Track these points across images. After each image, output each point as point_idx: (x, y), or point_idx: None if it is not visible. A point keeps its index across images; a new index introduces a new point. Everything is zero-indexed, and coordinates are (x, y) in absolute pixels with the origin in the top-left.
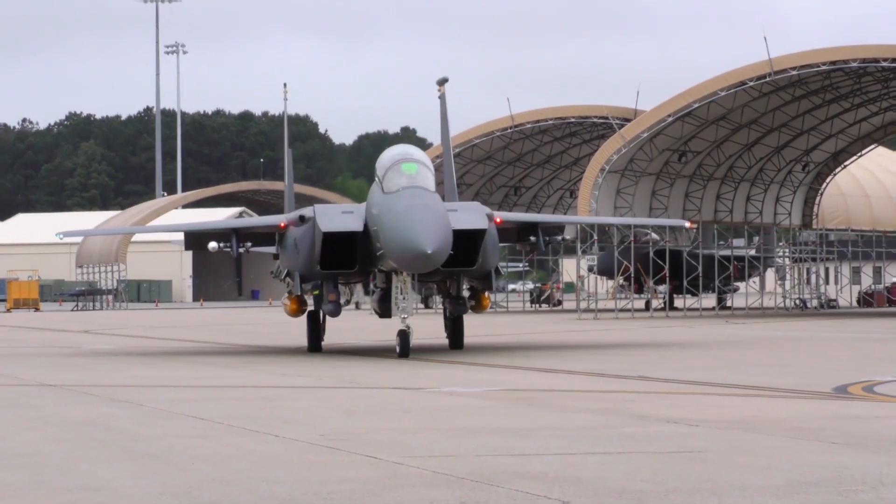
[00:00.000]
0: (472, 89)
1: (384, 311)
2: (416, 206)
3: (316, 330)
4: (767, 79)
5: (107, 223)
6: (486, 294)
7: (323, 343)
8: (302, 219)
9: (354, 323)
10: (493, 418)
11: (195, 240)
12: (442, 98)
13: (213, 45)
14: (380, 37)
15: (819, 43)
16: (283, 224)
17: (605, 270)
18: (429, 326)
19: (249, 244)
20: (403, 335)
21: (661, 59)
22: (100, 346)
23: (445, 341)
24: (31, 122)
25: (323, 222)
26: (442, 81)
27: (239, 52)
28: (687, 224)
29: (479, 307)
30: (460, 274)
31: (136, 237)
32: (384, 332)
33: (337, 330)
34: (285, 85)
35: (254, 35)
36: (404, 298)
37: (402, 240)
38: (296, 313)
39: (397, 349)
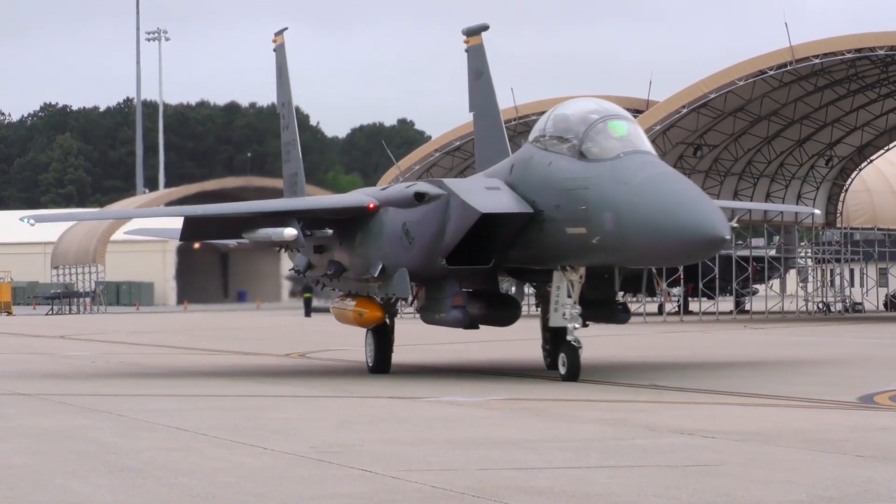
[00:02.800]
0: None
1: (490, 318)
2: (667, 175)
3: (386, 344)
4: (788, 67)
5: (85, 221)
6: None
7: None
8: (420, 197)
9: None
10: (496, 429)
11: (198, 229)
12: (472, 51)
13: (198, 32)
14: (374, 23)
15: (844, 29)
16: (372, 204)
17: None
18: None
19: (330, 231)
20: (572, 351)
21: (675, 47)
22: (76, 352)
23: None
24: (2, 114)
25: (472, 200)
26: (475, 31)
27: (224, 40)
28: (817, 212)
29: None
30: (617, 269)
31: (116, 235)
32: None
33: (336, 336)
34: (282, 31)
35: (240, 21)
36: (574, 303)
37: (676, 222)
38: (376, 322)
39: (562, 370)
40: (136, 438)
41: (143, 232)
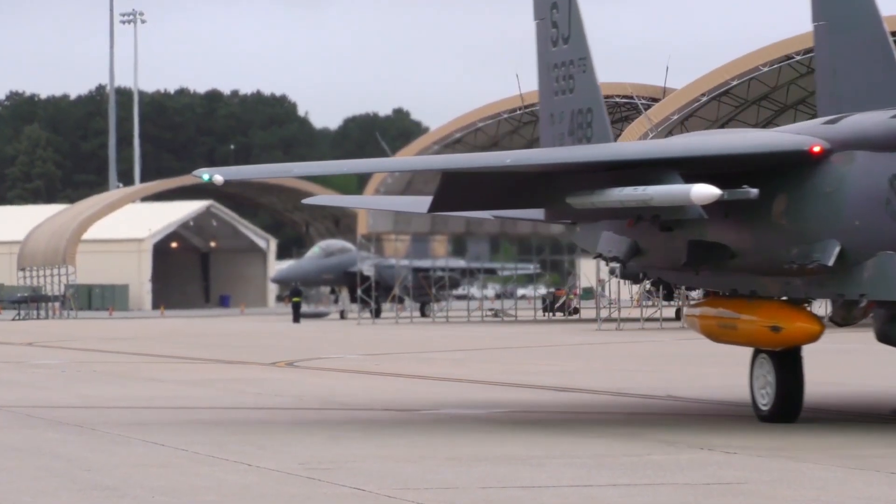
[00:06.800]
0: (474, 65)
1: None
2: None
3: (798, 376)
4: None
5: (54, 218)
6: None
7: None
8: None
9: (354, 335)
10: (500, 444)
11: (466, 192)
12: None
13: (176, 14)
14: (367, 6)
15: None
16: (818, 147)
17: (630, 273)
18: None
19: (755, 191)
20: None
21: (694, 30)
22: (45, 360)
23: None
24: None
25: None
26: None
27: (205, 23)
28: None
29: None
30: None
31: (88, 234)
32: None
33: (327, 343)
34: None
35: (222, 3)
36: None
37: None
38: (806, 340)
39: None
40: (109, 454)
41: (333, 200)
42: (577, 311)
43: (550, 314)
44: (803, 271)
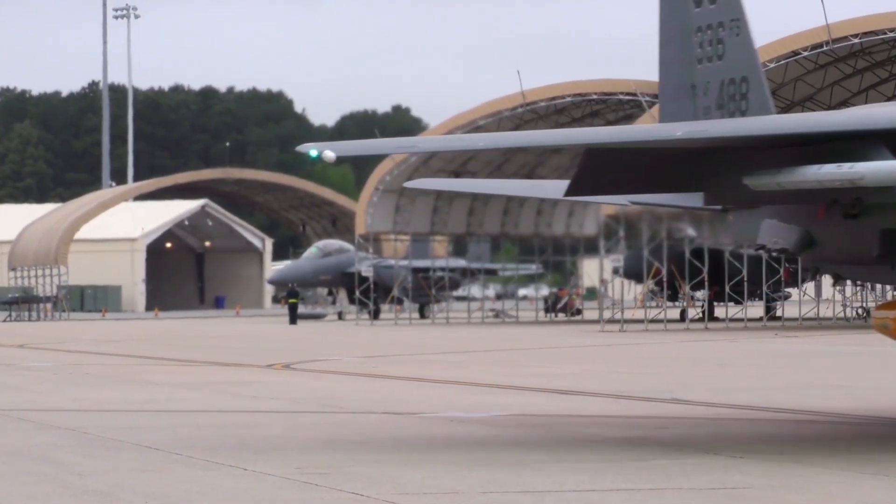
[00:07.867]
0: (475, 61)
1: None
2: None
3: None
4: (825, 48)
5: (46, 218)
6: None
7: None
8: None
9: (353, 337)
10: (501, 448)
11: (617, 171)
12: None
13: (170, 9)
14: (364, 0)
15: (885, 5)
16: None
17: (633, 273)
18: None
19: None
20: None
21: None
22: (37, 362)
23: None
24: None
25: None
26: None
27: (200, 18)
28: None
29: None
30: None
31: (81, 234)
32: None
33: (325, 346)
34: None
35: None
36: None
37: None
38: None
39: None
40: (101, 458)
41: (439, 183)
42: (579, 311)
43: (552, 315)
44: None
